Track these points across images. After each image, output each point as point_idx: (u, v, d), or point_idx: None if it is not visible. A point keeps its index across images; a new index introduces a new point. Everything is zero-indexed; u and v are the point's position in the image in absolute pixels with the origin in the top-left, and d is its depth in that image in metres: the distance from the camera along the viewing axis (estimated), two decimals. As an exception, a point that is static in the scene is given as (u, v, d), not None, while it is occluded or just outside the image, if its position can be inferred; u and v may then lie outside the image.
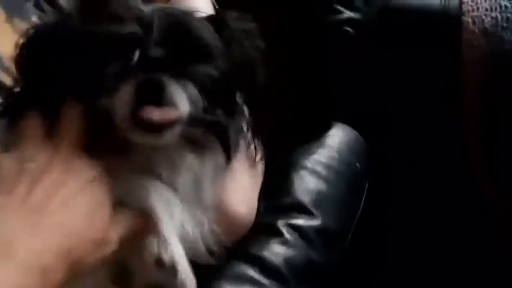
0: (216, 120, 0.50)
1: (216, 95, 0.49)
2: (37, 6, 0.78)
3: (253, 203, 0.64)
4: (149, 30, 0.46)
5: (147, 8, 0.49)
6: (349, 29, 0.80)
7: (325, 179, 0.74)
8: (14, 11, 0.70)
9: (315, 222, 0.68)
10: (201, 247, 0.50)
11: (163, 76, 0.45)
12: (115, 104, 0.45)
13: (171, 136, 0.46)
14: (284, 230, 0.65)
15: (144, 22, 0.47)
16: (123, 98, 0.45)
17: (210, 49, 0.49)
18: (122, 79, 0.45)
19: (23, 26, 0.72)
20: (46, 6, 0.81)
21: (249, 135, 0.58)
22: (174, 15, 0.49)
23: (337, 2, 0.80)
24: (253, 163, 0.65)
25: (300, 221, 0.67)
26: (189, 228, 0.48)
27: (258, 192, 0.66)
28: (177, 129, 0.46)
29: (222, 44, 0.50)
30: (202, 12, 0.57)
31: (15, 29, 0.69)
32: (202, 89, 0.47)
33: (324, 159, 0.77)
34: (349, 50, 0.80)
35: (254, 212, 0.64)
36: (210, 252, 0.51)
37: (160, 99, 0.45)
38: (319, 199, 0.70)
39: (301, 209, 0.68)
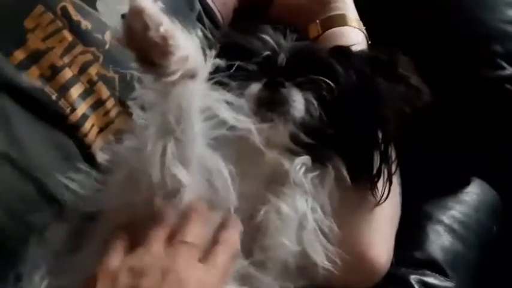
0: (335, 134, 0.55)
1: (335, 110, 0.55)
2: (199, 19, 0.82)
3: (391, 252, 0.62)
4: (282, 49, 0.58)
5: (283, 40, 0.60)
6: (509, 86, 0.75)
7: (461, 239, 0.70)
8: (184, 23, 0.72)
9: (449, 284, 0.64)
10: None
11: (285, 81, 0.55)
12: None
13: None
14: (417, 288, 0.63)
15: (279, 45, 0.59)
16: (251, 92, 0.55)
17: (333, 70, 0.57)
18: (253, 79, 0.56)
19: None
20: (206, 20, 0.85)
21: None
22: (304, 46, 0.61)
23: (501, 56, 0.76)
24: (394, 208, 0.64)
25: (435, 281, 0.64)
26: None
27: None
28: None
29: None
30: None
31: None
32: (320, 99, 0.55)
33: (461, 217, 0.73)
34: (506, 108, 0.75)
35: (390, 261, 0.62)
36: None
37: (278, 96, 0.54)
38: (455, 260, 0.67)
39: (436, 268, 0.65)
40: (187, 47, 0.48)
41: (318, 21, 0.79)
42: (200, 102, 0.49)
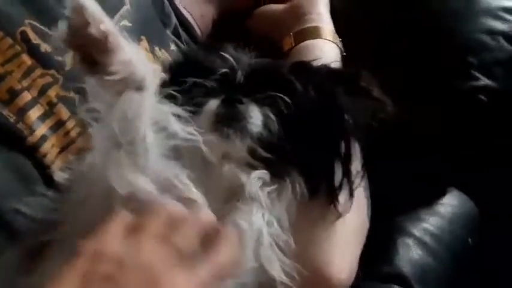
0: (293, 149, 0.55)
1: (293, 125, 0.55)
2: (175, 33, 0.82)
3: (354, 267, 0.61)
4: (240, 67, 0.59)
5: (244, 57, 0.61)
6: (483, 97, 0.74)
7: (432, 252, 0.70)
8: (154, 39, 0.73)
9: (415, 299, 0.64)
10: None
11: (242, 97, 0.55)
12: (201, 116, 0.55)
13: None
14: (382, 304, 0.62)
15: (238, 62, 0.60)
16: (209, 109, 0.56)
17: (292, 86, 0.58)
18: (211, 96, 0.57)
19: (162, 54, 0.74)
20: (183, 33, 0.85)
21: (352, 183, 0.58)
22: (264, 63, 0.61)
23: (475, 67, 0.75)
24: (359, 221, 0.64)
25: (400, 296, 0.64)
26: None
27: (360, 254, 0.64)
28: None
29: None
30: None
31: (155, 58, 0.71)
32: (278, 114, 0.55)
33: (433, 229, 0.72)
34: (479, 119, 0.74)
35: (353, 277, 0.61)
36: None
37: (236, 112, 0.55)
38: (424, 274, 0.66)
39: (403, 282, 0.65)
40: (132, 53, 0.49)
41: (291, 33, 0.80)
42: (149, 115, 0.49)
